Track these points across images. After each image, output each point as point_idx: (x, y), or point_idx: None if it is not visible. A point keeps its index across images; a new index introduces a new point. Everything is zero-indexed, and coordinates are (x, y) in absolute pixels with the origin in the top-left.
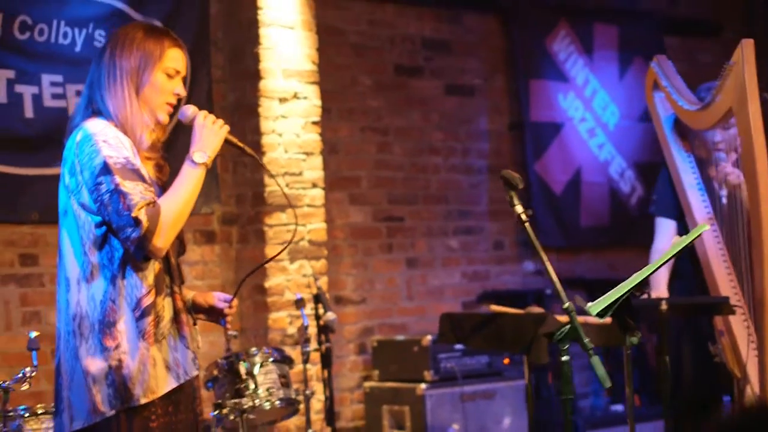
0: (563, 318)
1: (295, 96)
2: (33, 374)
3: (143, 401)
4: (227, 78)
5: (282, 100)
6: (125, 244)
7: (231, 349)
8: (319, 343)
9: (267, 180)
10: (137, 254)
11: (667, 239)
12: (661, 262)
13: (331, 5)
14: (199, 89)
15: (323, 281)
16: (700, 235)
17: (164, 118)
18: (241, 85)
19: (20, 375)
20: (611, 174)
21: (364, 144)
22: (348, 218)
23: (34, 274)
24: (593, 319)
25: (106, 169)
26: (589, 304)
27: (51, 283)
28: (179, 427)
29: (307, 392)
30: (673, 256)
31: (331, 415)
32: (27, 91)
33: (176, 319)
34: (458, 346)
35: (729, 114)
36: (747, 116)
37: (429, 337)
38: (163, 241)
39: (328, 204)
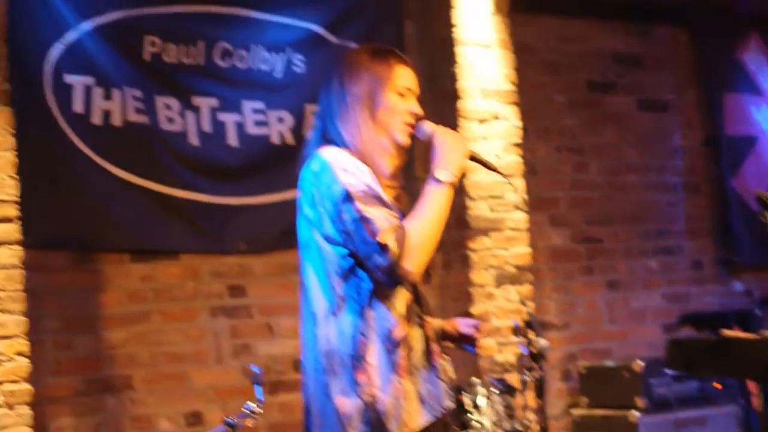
0: None
1: (496, 117)
2: (259, 409)
3: None
4: (425, 99)
5: (482, 121)
6: (374, 272)
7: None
8: (530, 370)
9: (468, 203)
10: (388, 281)
11: None
12: None
13: (522, 22)
14: None
15: (530, 306)
16: None
17: (404, 139)
18: (439, 106)
19: (246, 410)
20: None
21: (560, 164)
22: (548, 241)
23: (242, 306)
24: None
25: (347, 198)
26: None
27: (259, 314)
28: None
29: (526, 422)
30: None
31: None
32: (230, 119)
33: (427, 349)
34: (668, 371)
35: None
36: None
37: (640, 363)
38: (413, 264)
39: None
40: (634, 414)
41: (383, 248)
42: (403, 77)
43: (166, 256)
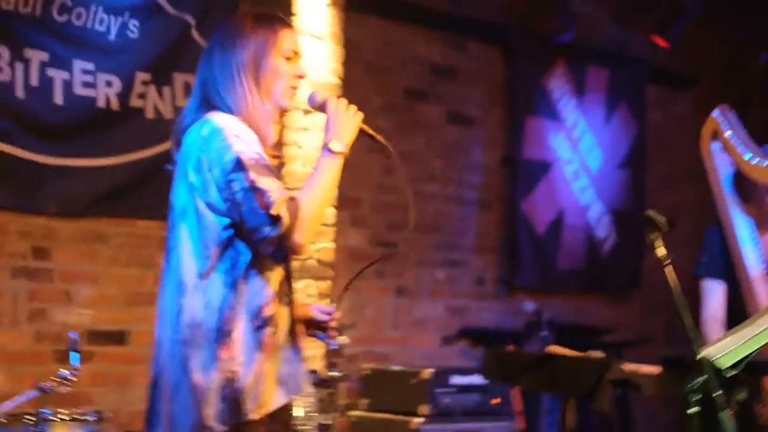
0: (629, 365)
1: (319, 109)
2: (73, 377)
3: (254, 416)
4: None
5: (306, 111)
6: (261, 244)
7: (335, 364)
8: (334, 366)
9: None
10: (276, 254)
11: (718, 302)
12: None
13: (349, 20)
14: None
15: (326, 303)
16: None
17: (288, 103)
18: None
19: (60, 377)
20: (589, 219)
21: (369, 165)
22: (347, 240)
23: (44, 269)
24: (646, 368)
25: (239, 166)
26: (714, 356)
27: (60, 280)
28: None
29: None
30: None
31: None
32: (58, 76)
33: (291, 330)
34: (455, 381)
35: None
36: None
37: (429, 370)
38: (304, 237)
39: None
40: (417, 421)
41: (275, 220)
42: (289, 40)
43: None
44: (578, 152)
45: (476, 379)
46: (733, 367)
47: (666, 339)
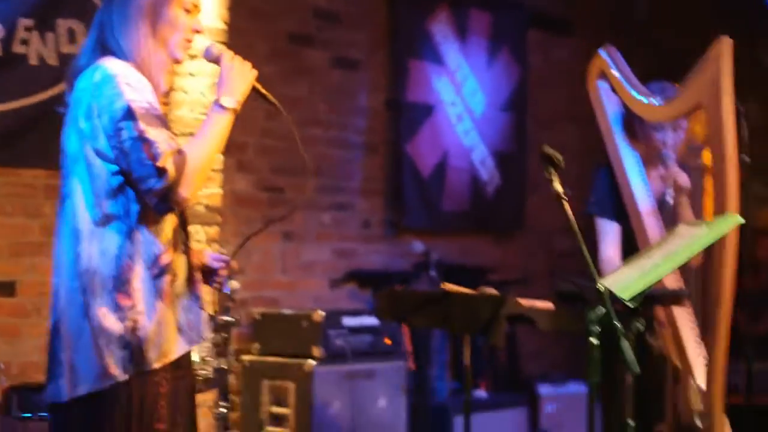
0: (523, 301)
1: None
2: None
3: (156, 365)
4: None
5: (192, 56)
6: (146, 195)
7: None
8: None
9: None
10: (160, 207)
11: (614, 243)
12: (690, 253)
13: None
14: None
15: (215, 248)
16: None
17: (183, 55)
18: None
19: None
20: (473, 161)
21: (253, 110)
22: (233, 185)
23: None
24: (541, 303)
25: (128, 114)
26: (614, 288)
27: None
28: (183, 392)
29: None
30: (702, 247)
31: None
32: None
33: (190, 277)
34: (346, 323)
35: (695, 108)
36: (720, 112)
37: (321, 312)
38: (189, 191)
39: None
40: (311, 363)
41: (161, 172)
42: None
43: None
44: (461, 95)
45: (367, 321)
46: (632, 299)
47: (549, 277)
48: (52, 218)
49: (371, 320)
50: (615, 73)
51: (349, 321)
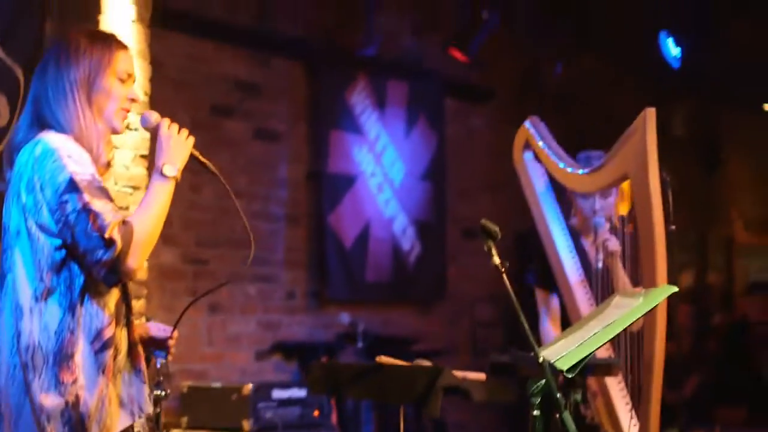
0: (458, 373)
1: (128, 126)
2: None
3: None
4: None
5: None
6: (94, 267)
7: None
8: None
9: None
10: (108, 278)
11: (553, 314)
12: (627, 323)
13: (153, 35)
14: None
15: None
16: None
17: (120, 125)
18: None
19: None
20: (395, 231)
21: (178, 183)
22: (158, 258)
23: None
24: (472, 374)
25: (72, 187)
26: (552, 360)
27: None
28: None
29: None
30: (638, 317)
31: None
32: None
33: (131, 352)
34: (275, 395)
35: (622, 179)
36: (647, 182)
37: (250, 386)
38: (137, 261)
39: None
40: None
41: (109, 243)
42: (124, 62)
43: None
44: (381, 165)
45: (296, 392)
46: (570, 369)
47: (470, 348)
48: None
49: (300, 392)
50: (540, 143)
51: (278, 393)
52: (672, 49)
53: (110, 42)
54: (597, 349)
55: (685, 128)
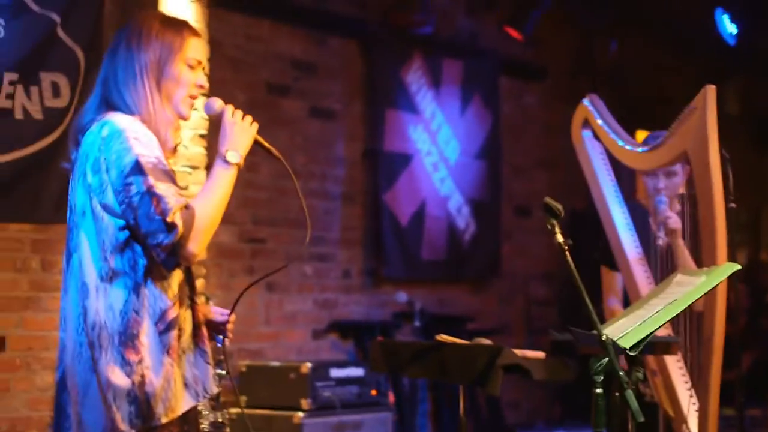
0: (518, 351)
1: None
2: None
3: (164, 421)
4: None
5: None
6: (155, 250)
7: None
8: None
9: None
10: (168, 261)
11: (617, 292)
12: (690, 301)
13: (211, 16)
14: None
15: (202, 301)
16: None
17: (187, 112)
18: None
19: None
20: (450, 209)
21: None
22: (216, 237)
23: None
24: (531, 353)
25: (137, 169)
26: (615, 338)
27: None
28: None
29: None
30: (701, 295)
31: None
32: None
33: (195, 332)
34: (333, 374)
35: (681, 157)
36: (707, 160)
37: (308, 365)
38: (197, 246)
39: None
40: (299, 415)
41: (170, 227)
42: (194, 49)
43: None
44: (437, 144)
45: (354, 371)
46: (633, 347)
47: (525, 327)
48: (39, 273)
49: (357, 371)
50: (599, 121)
51: (335, 372)
52: (728, 26)
53: (182, 28)
54: (660, 327)
55: (738, 106)
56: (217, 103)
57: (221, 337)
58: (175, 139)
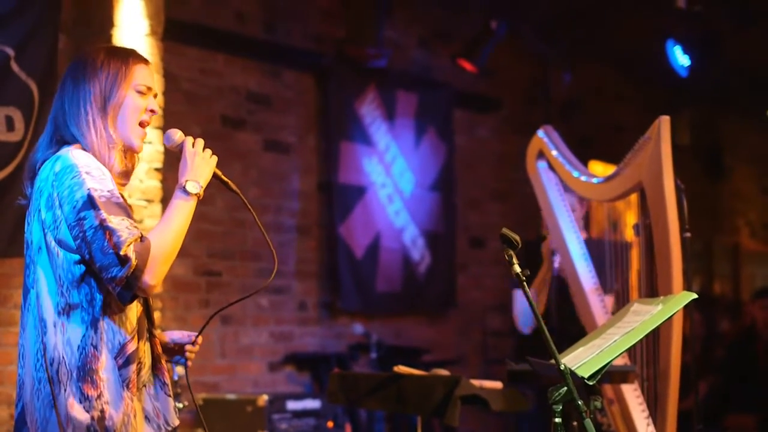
0: (475, 382)
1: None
2: None
3: None
4: None
5: None
6: (110, 284)
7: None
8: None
9: None
10: (123, 295)
11: None
12: (647, 331)
13: (166, 50)
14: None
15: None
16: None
17: (138, 143)
18: None
19: None
20: (405, 241)
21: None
22: (171, 270)
23: None
24: (489, 383)
25: (90, 203)
26: (573, 367)
27: None
28: None
29: None
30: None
31: None
32: None
33: (155, 365)
34: (290, 407)
35: (636, 187)
36: (663, 190)
37: (265, 397)
38: (154, 278)
39: None
40: None
41: (123, 260)
42: (142, 75)
43: None
44: (391, 176)
45: (310, 403)
46: (592, 376)
47: (481, 357)
48: None
49: (314, 403)
50: (554, 152)
51: (292, 405)
52: (680, 58)
53: (128, 56)
54: (618, 356)
55: (689, 137)
56: (177, 134)
57: (183, 359)
58: (121, 163)
